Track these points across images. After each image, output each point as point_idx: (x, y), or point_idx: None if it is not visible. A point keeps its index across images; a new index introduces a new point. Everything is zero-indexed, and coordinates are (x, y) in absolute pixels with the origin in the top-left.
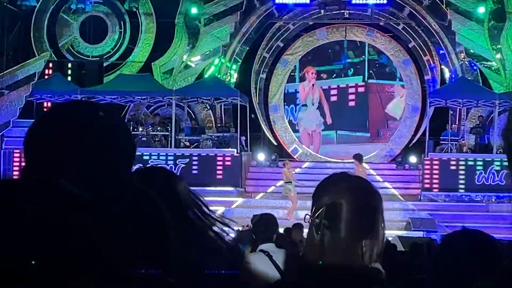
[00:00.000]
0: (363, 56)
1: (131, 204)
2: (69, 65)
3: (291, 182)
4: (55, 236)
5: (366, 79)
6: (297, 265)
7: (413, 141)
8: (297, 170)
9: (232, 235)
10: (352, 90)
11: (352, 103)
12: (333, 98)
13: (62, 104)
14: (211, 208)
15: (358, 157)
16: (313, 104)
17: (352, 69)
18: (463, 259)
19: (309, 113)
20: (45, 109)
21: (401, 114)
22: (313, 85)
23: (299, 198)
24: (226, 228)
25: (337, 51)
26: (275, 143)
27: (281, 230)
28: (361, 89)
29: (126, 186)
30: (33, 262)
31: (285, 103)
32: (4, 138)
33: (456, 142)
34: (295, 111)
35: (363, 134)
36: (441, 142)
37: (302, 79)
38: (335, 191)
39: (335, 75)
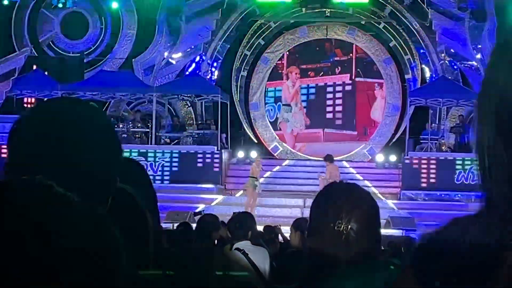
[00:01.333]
0: (351, 54)
1: (114, 204)
2: (50, 60)
3: (256, 178)
4: (41, 237)
5: (353, 77)
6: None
7: (393, 140)
8: (277, 168)
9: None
10: (339, 88)
11: (339, 101)
12: (321, 96)
13: (48, 100)
14: (191, 205)
15: (328, 158)
16: (296, 105)
17: (339, 67)
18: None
19: (294, 113)
20: (25, 105)
21: (381, 115)
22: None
23: (279, 196)
24: None
25: (324, 49)
26: (256, 141)
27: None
28: (348, 87)
29: (108, 185)
30: (18, 262)
31: (274, 102)
32: None
33: (436, 141)
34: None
35: (350, 132)
36: (421, 141)
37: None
38: (352, 199)
39: (322, 73)
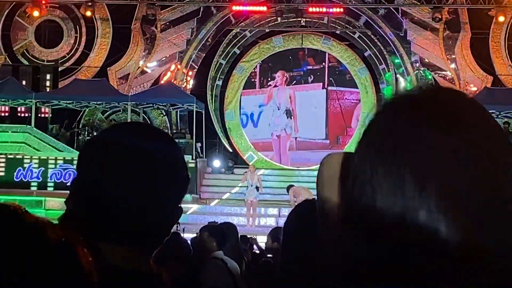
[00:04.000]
0: (323, 63)
1: None
2: (24, 69)
3: (246, 187)
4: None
5: (326, 86)
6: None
7: None
8: None
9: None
10: (312, 96)
11: (311, 110)
12: (293, 105)
13: (123, 124)
14: None
15: (289, 188)
16: (279, 109)
17: (312, 76)
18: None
19: (275, 117)
20: None
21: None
22: (278, 88)
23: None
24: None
25: (297, 58)
26: (231, 150)
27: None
28: (320, 96)
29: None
30: None
31: (244, 109)
32: None
33: None
34: (255, 117)
35: (322, 141)
36: None
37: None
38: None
39: (295, 81)
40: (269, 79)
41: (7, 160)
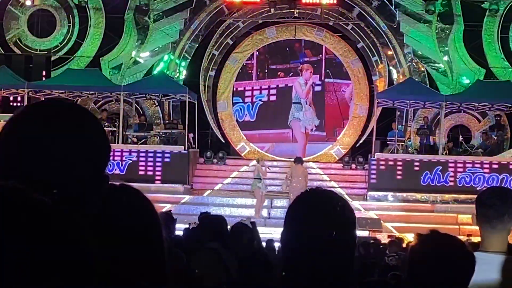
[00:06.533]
0: (320, 55)
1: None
2: (17, 58)
3: (260, 179)
4: (14, 242)
5: (323, 78)
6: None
7: (360, 141)
8: (244, 168)
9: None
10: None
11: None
12: (290, 97)
13: (38, 103)
14: (157, 205)
15: (296, 160)
16: (306, 103)
17: None
18: (435, 262)
19: (305, 111)
20: None
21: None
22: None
23: (246, 196)
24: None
25: (294, 50)
26: (223, 141)
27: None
28: (317, 88)
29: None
30: None
31: (242, 101)
32: None
33: (403, 143)
34: (252, 109)
35: (319, 133)
36: (387, 142)
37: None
38: (332, 207)
39: (292, 73)
40: (266, 70)
41: None
